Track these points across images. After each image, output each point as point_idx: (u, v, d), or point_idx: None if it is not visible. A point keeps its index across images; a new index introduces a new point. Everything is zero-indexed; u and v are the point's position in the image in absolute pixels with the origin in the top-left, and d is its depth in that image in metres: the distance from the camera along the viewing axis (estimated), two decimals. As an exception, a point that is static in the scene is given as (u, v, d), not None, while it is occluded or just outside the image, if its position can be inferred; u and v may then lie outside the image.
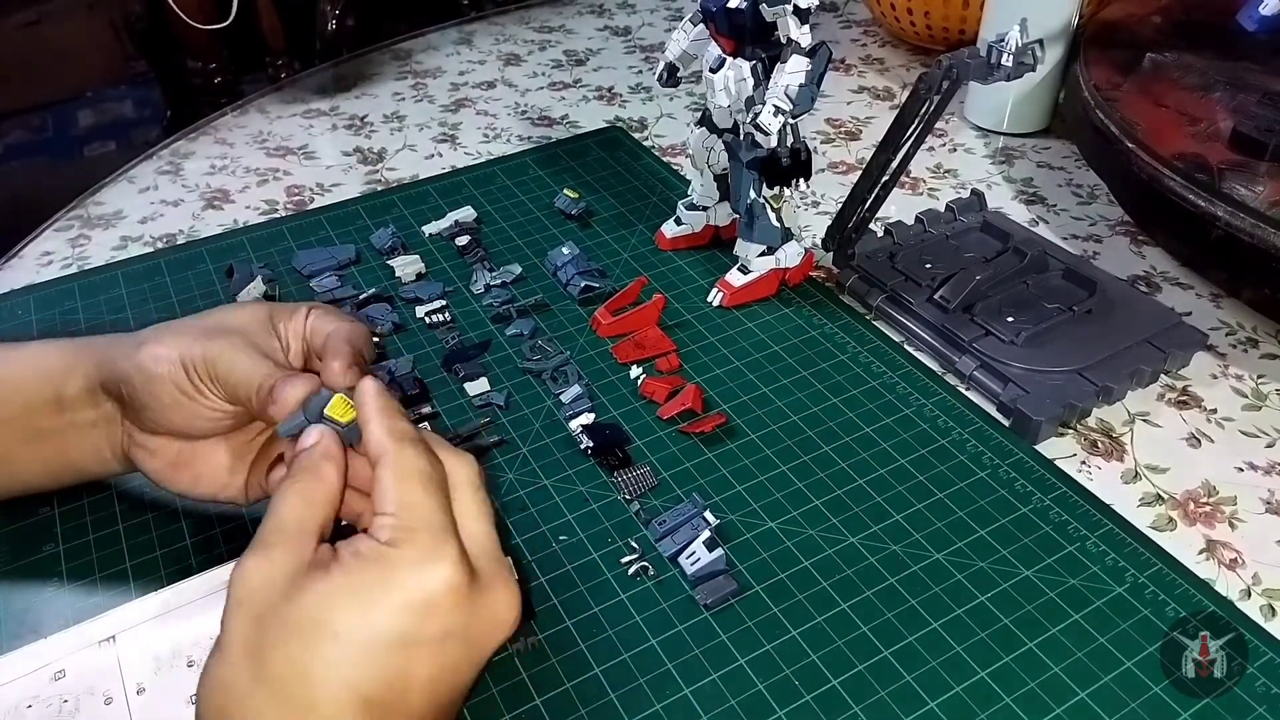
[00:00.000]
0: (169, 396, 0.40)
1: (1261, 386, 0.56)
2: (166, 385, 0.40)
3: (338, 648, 0.31)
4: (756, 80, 0.54)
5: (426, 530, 0.33)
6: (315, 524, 0.34)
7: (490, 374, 0.56)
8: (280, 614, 0.31)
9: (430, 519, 0.33)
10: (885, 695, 0.40)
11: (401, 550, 0.32)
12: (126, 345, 0.41)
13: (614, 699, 0.40)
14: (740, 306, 0.61)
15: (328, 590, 0.31)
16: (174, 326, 0.42)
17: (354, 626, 0.31)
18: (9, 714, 0.36)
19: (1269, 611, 0.44)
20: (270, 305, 0.43)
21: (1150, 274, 0.65)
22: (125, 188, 0.78)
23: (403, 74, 0.95)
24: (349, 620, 0.31)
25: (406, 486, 0.34)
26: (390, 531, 0.33)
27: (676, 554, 0.46)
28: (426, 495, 0.34)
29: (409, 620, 0.32)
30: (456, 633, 0.33)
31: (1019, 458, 0.51)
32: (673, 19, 1.05)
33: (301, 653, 0.31)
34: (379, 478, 0.35)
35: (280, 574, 0.32)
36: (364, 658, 0.31)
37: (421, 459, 0.35)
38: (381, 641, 0.31)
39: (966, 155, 0.79)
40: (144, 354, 0.40)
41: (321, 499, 0.35)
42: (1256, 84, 0.67)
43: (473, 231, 0.68)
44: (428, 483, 0.34)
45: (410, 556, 0.32)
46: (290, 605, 0.31)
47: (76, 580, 0.45)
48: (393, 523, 0.33)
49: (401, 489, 0.34)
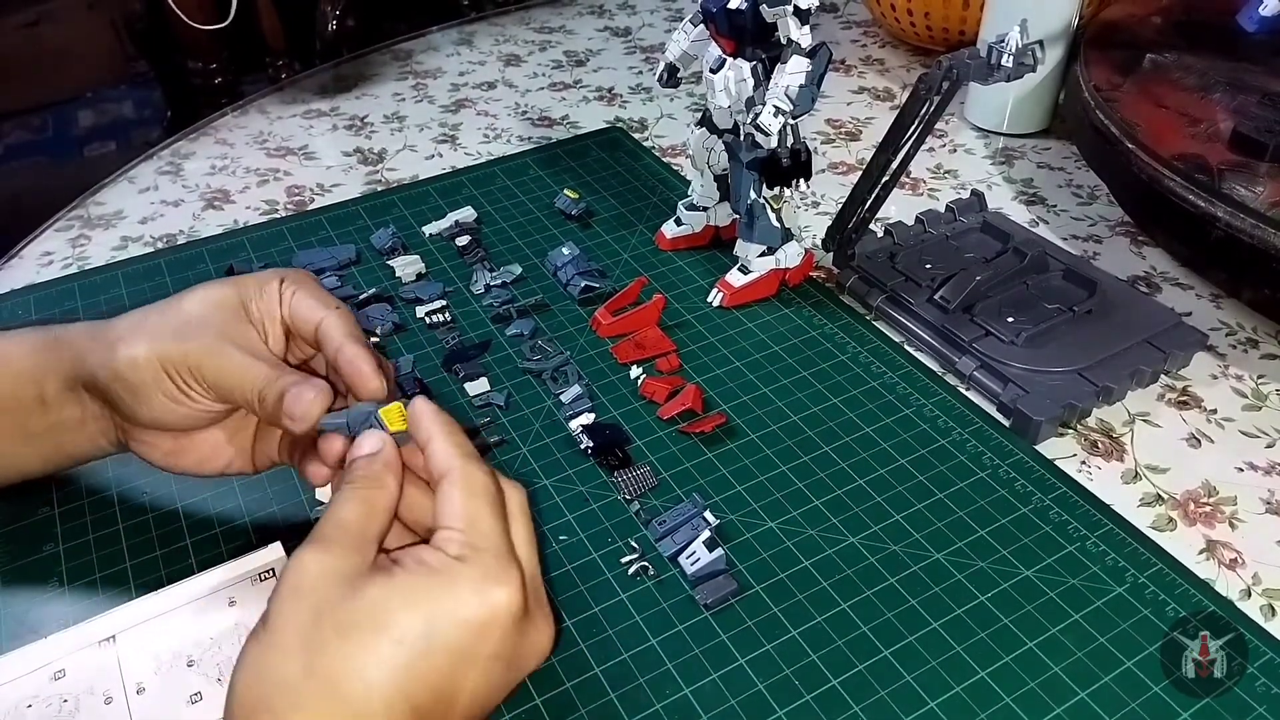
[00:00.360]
0: (158, 403, 0.40)
1: (1261, 387, 0.56)
2: (153, 393, 0.39)
3: (397, 651, 0.31)
4: (757, 81, 0.54)
5: (493, 552, 0.33)
6: (376, 530, 0.34)
7: (490, 374, 0.56)
8: (341, 610, 0.31)
9: (497, 541, 0.34)
10: (885, 695, 0.40)
11: (469, 567, 0.33)
12: (99, 346, 0.40)
13: (614, 699, 0.40)
14: (740, 307, 0.61)
15: (392, 594, 0.32)
16: (144, 323, 0.40)
17: (416, 633, 0.31)
18: (9, 714, 0.36)
19: (1269, 611, 0.44)
20: (237, 284, 0.42)
21: (1150, 274, 0.65)
22: (125, 188, 0.78)
23: (403, 74, 0.95)
24: (412, 626, 0.31)
25: (475, 504, 0.34)
26: (459, 547, 0.33)
27: (676, 554, 0.46)
28: (493, 516, 0.34)
29: (468, 636, 0.32)
30: (504, 655, 0.33)
31: (1019, 458, 0.51)
32: (673, 20, 1.05)
33: (360, 652, 0.31)
34: (445, 492, 0.35)
35: (341, 570, 0.32)
36: (420, 665, 0.31)
37: (489, 478, 0.35)
38: (440, 652, 0.31)
39: (966, 156, 0.79)
40: (121, 360, 0.39)
41: (383, 507, 0.35)
42: (1256, 84, 0.67)
43: (473, 232, 0.68)
44: (494, 503, 0.35)
45: (476, 575, 0.33)
46: (351, 603, 0.31)
47: (76, 580, 0.45)
48: (461, 539, 0.33)
49: (470, 506, 0.34)
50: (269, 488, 0.49)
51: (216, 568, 0.41)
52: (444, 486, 0.35)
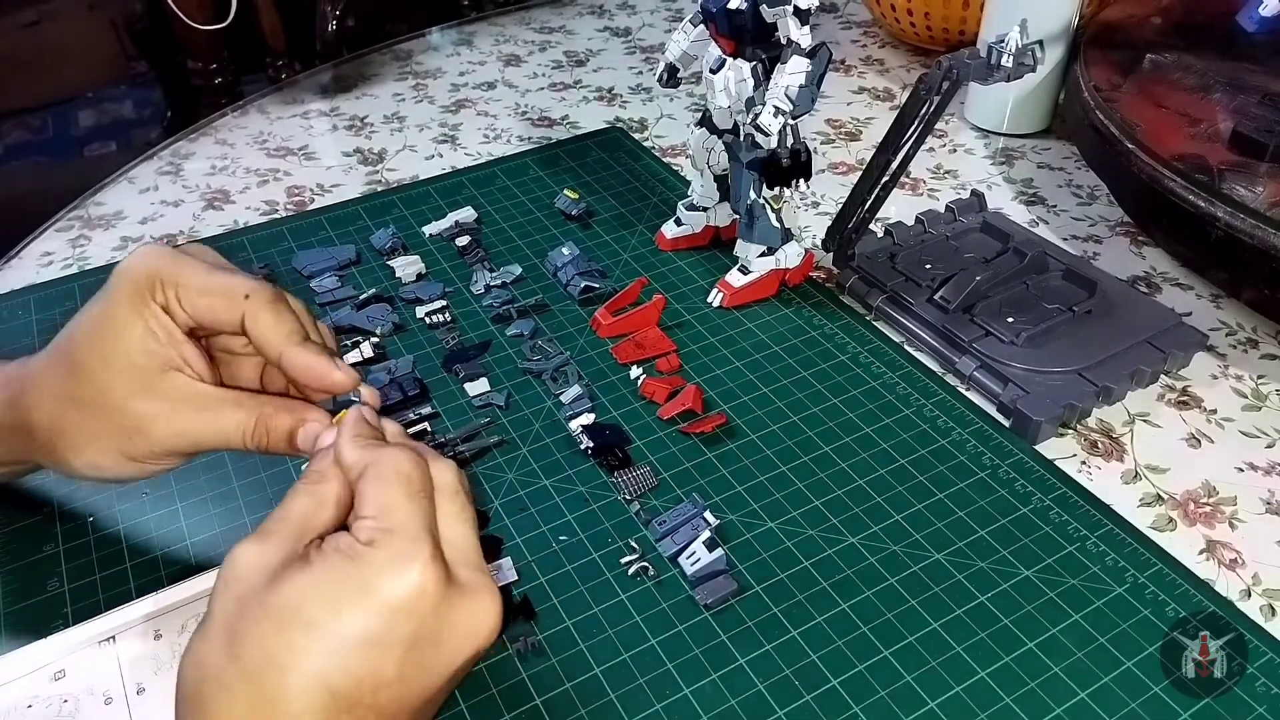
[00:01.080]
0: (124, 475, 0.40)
1: (1261, 387, 0.56)
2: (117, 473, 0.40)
3: (308, 638, 0.31)
4: (757, 81, 0.54)
5: (403, 533, 0.33)
6: (319, 523, 0.34)
7: (490, 374, 0.56)
8: (259, 599, 0.32)
9: (407, 522, 0.33)
10: (885, 695, 0.40)
11: (376, 551, 0.32)
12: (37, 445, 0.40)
13: (614, 699, 0.40)
14: (740, 307, 0.61)
15: (304, 581, 0.32)
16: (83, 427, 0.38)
17: (325, 619, 0.31)
18: (9, 714, 0.36)
19: (1269, 611, 0.44)
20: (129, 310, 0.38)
21: (1150, 274, 0.65)
22: (125, 188, 0.78)
23: (403, 74, 0.95)
24: (321, 613, 0.31)
25: (387, 490, 0.34)
26: (369, 532, 0.33)
27: (676, 554, 0.46)
28: (407, 499, 0.34)
29: (379, 620, 0.32)
30: (426, 636, 0.33)
31: (1019, 458, 0.51)
32: (673, 20, 1.05)
33: (274, 638, 0.31)
34: (359, 486, 0.35)
35: (268, 561, 0.32)
36: (333, 651, 0.31)
37: (405, 463, 0.35)
38: (351, 637, 0.31)
39: (966, 156, 0.79)
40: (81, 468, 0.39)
41: (332, 500, 0.35)
42: (1256, 84, 0.67)
43: (473, 232, 0.68)
44: (408, 486, 0.34)
45: (384, 558, 0.32)
46: (270, 592, 0.32)
47: (76, 580, 0.45)
48: (371, 524, 0.33)
49: (382, 492, 0.34)
50: (269, 488, 0.49)
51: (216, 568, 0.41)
52: (359, 482, 0.35)
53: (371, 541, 0.33)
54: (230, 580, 0.32)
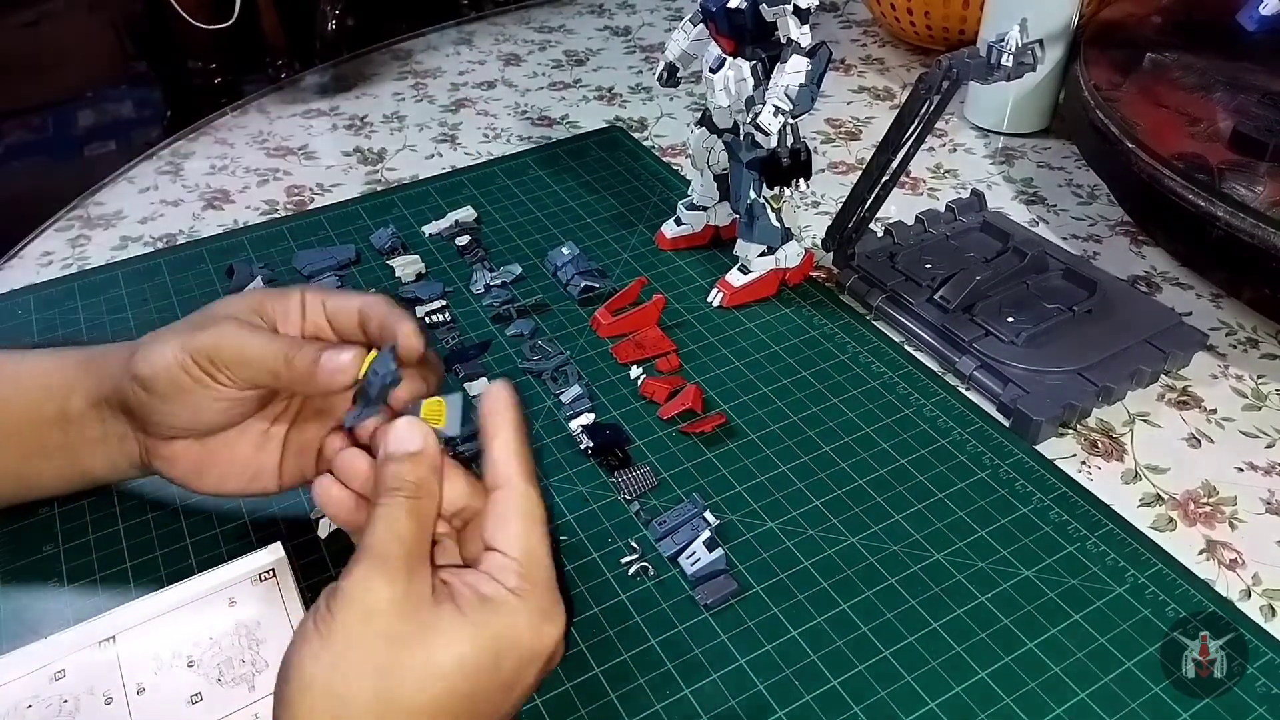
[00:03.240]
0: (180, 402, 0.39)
1: (1261, 386, 0.56)
2: (172, 388, 0.39)
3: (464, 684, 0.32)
4: (756, 80, 0.54)
5: (547, 588, 0.34)
6: (428, 545, 0.34)
7: (490, 374, 0.56)
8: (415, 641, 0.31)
9: (549, 576, 0.34)
10: (885, 695, 0.40)
11: (525, 602, 0.33)
12: (124, 356, 0.41)
13: (614, 699, 0.40)
14: (740, 306, 0.61)
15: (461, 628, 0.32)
16: (163, 330, 0.41)
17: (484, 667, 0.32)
18: (9, 714, 0.36)
19: (1269, 612, 0.44)
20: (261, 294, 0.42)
21: (1150, 274, 0.65)
22: (125, 188, 0.78)
23: (403, 74, 0.95)
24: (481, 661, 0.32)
25: (533, 534, 0.34)
26: (516, 580, 0.33)
27: (676, 554, 0.46)
28: (544, 545, 0.34)
29: (519, 668, 0.33)
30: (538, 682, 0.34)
31: (1019, 458, 0.51)
32: (673, 19, 1.05)
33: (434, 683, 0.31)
34: (502, 511, 0.35)
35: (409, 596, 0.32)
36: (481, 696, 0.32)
37: (541, 504, 0.35)
38: (497, 684, 0.32)
39: (966, 155, 0.79)
40: (137, 359, 0.40)
41: (431, 518, 0.35)
42: (1256, 84, 0.67)
43: (473, 231, 0.68)
44: (545, 531, 0.35)
45: (532, 611, 0.33)
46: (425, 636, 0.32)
47: (76, 580, 0.45)
48: (518, 570, 0.33)
49: (528, 535, 0.34)
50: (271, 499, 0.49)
51: (217, 568, 0.41)
52: (501, 503, 0.35)
53: (519, 591, 0.33)
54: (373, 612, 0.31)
